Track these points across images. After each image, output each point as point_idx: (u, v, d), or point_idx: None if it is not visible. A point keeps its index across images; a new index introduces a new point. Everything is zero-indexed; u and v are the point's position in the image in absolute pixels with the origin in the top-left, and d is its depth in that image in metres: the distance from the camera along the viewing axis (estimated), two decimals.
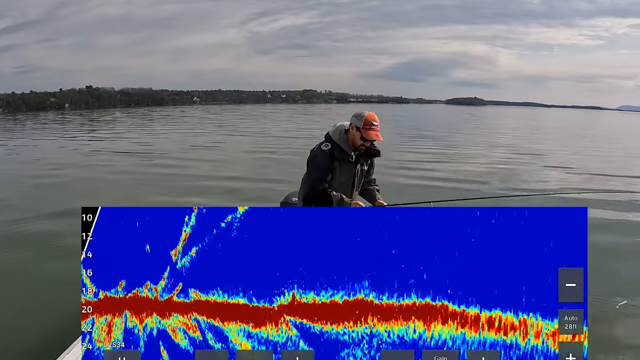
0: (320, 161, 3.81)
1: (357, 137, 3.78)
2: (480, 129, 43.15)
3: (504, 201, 10.85)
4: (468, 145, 25.36)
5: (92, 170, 15.67)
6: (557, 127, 53.77)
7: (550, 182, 14.22)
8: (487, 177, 14.79)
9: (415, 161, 18.12)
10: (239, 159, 18.76)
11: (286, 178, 11.45)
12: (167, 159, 18.32)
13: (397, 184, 12.01)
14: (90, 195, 11.65)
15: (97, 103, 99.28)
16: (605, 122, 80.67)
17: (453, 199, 5.01)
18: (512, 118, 77.17)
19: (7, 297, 5.55)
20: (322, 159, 3.81)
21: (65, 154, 20.77)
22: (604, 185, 14.02)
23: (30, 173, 15.05)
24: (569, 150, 24.80)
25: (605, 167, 18.08)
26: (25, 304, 5.41)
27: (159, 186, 12.70)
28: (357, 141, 3.80)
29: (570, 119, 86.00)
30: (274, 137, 28.76)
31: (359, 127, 3.75)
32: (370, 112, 3.79)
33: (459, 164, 17.97)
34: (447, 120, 62.81)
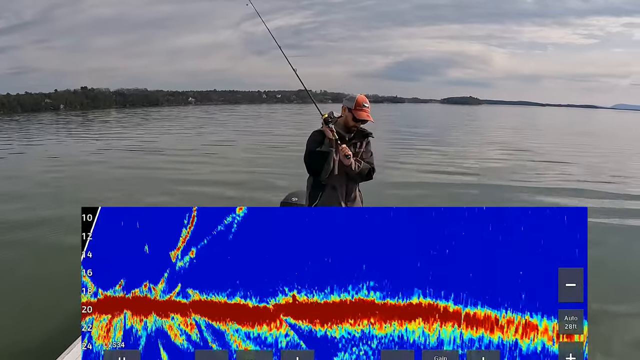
0: (312, 138, 4.09)
1: (350, 118, 4.01)
2: (482, 128, 43.29)
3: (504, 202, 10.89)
4: (474, 144, 25.49)
5: (100, 168, 15.73)
6: (551, 125, 53.93)
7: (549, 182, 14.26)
8: (486, 177, 14.85)
9: (414, 161, 18.16)
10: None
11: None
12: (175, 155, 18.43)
13: (396, 184, 12.04)
14: (95, 195, 11.68)
15: (92, 104, 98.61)
16: (599, 120, 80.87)
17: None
18: (509, 117, 77.45)
19: (8, 297, 5.55)
20: (316, 135, 4.09)
21: (72, 153, 20.85)
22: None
23: (32, 172, 15.05)
24: (566, 148, 24.94)
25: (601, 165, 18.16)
26: (26, 304, 5.43)
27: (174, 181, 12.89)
28: (350, 122, 4.02)
29: (565, 118, 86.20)
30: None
31: (351, 108, 3.98)
32: (361, 95, 4.01)
33: (461, 161, 18.06)
34: (446, 119, 62.88)
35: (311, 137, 4.11)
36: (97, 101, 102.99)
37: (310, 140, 4.09)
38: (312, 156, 3.99)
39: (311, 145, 4.05)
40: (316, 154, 3.97)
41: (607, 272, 6.37)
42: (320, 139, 4.04)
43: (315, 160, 3.97)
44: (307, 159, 4.02)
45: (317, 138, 4.06)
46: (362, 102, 3.96)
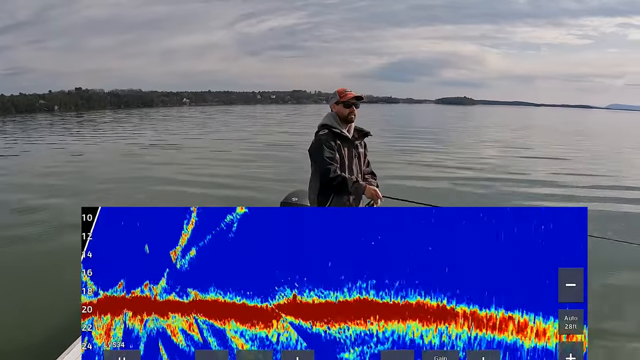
0: (322, 143, 3.83)
1: (342, 109, 3.90)
2: (478, 128, 43.47)
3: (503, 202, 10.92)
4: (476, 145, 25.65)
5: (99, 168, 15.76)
6: (545, 125, 54.23)
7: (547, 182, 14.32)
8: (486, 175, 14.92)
9: (414, 162, 18.20)
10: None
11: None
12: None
13: (395, 185, 12.05)
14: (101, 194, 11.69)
15: (86, 105, 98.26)
16: (593, 120, 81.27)
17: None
18: (504, 116, 77.69)
19: (8, 297, 5.54)
20: (324, 140, 3.85)
21: (77, 153, 20.85)
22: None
23: (34, 173, 15.02)
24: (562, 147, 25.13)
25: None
26: (26, 304, 5.42)
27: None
28: (344, 112, 3.90)
29: (560, 117, 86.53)
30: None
31: (338, 100, 3.90)
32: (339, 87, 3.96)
33: (463, 161, 18.15)
34: (441, 120, 62.96)
35: (319, 144, 3.84)
36: (92, 102, 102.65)
37: (321, 146, 3.81)
38: (336, 181, 3.70)
39: (327, 152, 3.76)
40: (339, 182, 3.69)
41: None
42: (330, 142, 3.80)
43: (337, 187, 3.72)
44: (331, 180, 3.71)
45: (328, 142, 3.80)
46: (343, 89, 3.92)
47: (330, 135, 3.88)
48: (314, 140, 3.92)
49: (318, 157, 3.81)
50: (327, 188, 3.80)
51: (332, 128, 3.90)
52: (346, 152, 3.91)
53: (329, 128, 3.90)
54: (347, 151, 3.92)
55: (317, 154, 3.83)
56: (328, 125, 3.92)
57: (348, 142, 3.94)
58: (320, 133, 3.91)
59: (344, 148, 3.90)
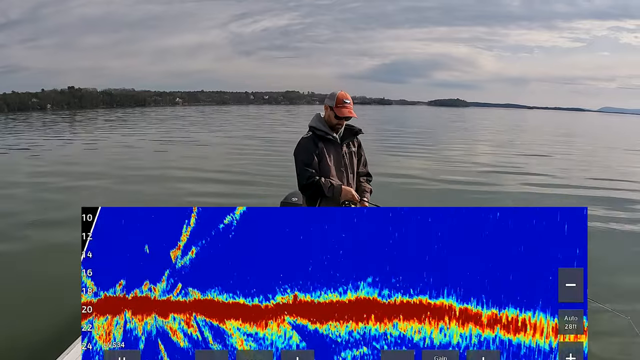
0: (302, 147, 3.87)
1: (332, 117, 3.86)
2: (471, 130, 43.67)
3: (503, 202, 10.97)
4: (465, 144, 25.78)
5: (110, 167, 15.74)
6: (538, 126, 54.55)
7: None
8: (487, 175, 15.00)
9: (414, 163, 18.25)
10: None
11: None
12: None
13: (395, 185, 12.08)
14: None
15: (79, 104, 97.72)
16: (586, 123, 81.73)
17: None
18: (497, 119, 78.00)
19: (8, 297, 5.53)
20: (304, 145, 3.87)
21: (78, 153, 20.82)
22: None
23: (35, 172, 14.97)
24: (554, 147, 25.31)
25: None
26: (26, 304, 5.40)
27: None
28: (332, 120, 3.87)
29: (552, 120, 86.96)
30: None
31: (332, 106, 3.84)
32: (342, 92, 3.87)
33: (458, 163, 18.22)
34: (436, 121, 63.14)
35: (302, 147, 3.89)
36: (84, 101, 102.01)
37: (300, 151, 3.87)
38: (311, 187, 3.76)
39: (303, 157, 3.82)
40: (316, 187, 3.74)
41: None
42: (309, 146, 3.83)
43: (314, 193, 3.77)
44: (304, 186, 3.79)
45: (307, 146, 3.84)
46: (343, 98, 3.82)
47: (314, 137, 3.89)
48: (297, 144, 3.93)
49: (296, 162, 3.87)
50: (303, 193, 3.89)
51: (316, 130, 3.90)
52: (332, 154, 3.91)
53: (314, 130, 3.91)
54: (334, 152, 3.92)
55: (295, 158, 3.89)
56: (313, 127, 3.92)
57: (334, 143, 3.93)
58: (303, 136, 3.93)
59: (329, 149, 3.90)
